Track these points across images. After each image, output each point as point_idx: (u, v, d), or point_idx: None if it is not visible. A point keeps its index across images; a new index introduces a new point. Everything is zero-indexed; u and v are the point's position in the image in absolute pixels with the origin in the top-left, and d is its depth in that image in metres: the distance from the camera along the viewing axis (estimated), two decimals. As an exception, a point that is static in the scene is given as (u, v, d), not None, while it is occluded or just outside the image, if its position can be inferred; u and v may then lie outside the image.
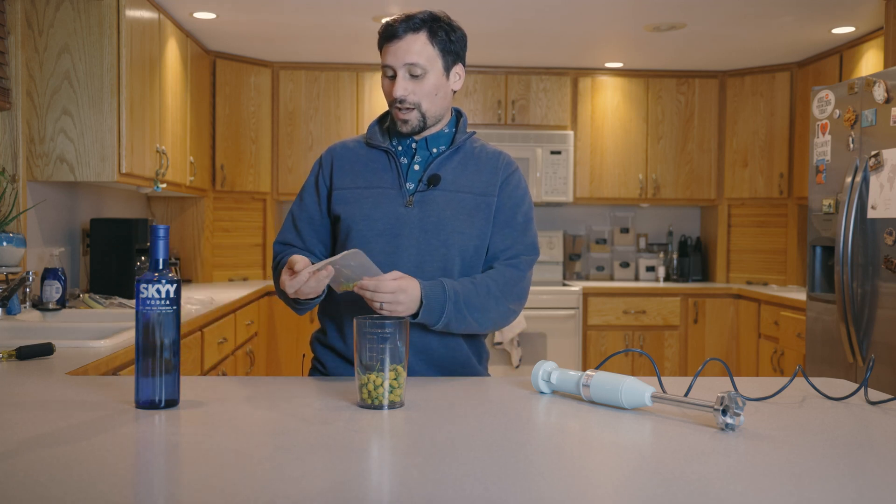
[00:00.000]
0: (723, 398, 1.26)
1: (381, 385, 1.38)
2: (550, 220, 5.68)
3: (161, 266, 1.37)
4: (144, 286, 1.35)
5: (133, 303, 2.33)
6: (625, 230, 5.73)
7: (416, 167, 1.83)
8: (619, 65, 5.32)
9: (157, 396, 1.36)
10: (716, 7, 4.00)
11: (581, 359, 5.09)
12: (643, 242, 5.74)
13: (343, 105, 5.23)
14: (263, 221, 5.29)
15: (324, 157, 1.91)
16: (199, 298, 3.75)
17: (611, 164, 5.41)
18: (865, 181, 3.35)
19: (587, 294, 5.14)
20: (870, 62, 4.27)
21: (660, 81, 5.42)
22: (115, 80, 3.28)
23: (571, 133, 5.30)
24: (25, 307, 3.05)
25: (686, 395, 1.40)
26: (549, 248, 5.53)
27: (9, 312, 2.86)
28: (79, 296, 3.52)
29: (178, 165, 4.21)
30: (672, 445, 1.19)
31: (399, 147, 1.85)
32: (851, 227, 3.38)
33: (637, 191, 5.41)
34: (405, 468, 1.08)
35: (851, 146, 3.48)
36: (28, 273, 2.81)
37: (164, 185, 3.93)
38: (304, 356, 2.05)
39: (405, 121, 1.78)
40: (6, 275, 2.95)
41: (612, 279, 5.65)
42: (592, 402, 1.45)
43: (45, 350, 2.00)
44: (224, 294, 4.17)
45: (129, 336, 2.41)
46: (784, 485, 1.02)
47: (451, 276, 1.79)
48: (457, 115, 1.90)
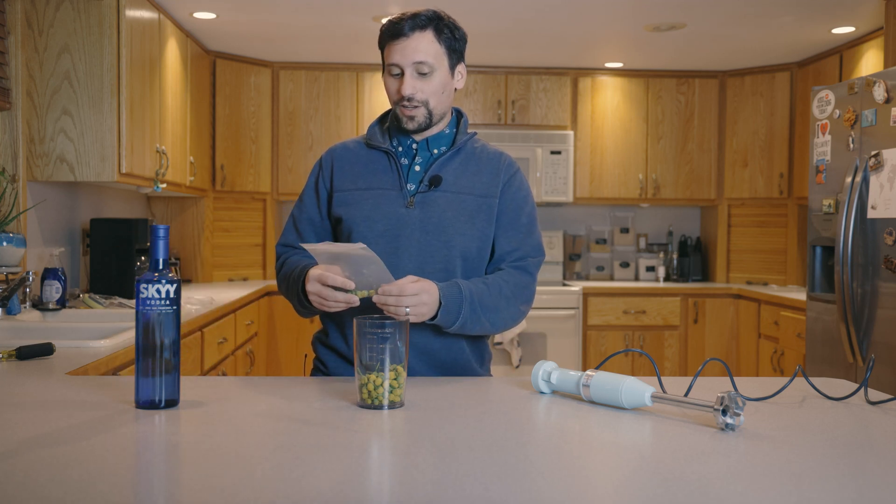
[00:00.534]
0: (723, 398, 1.26)
1: (381, 385, 1.38)
2: (550, 220, 5.68)
3: (161, 266, 1.37)
4: (144, 286, 1.35)
5: (133, 303, 2.34)
6: (625, 230, 5.73)
7: (417, 168, 1.82)
8: (619, 65, 5.32)
9: (157, 396, 1.36)
10: (716, 7, 4.00)
11: (581, 359, 5.09)
12: (643, 242, 5.74)
13: (343, 105, 5.23)
14: (263, 221, 5.29)
15: (324, 159, 1.91)
16: (199, 298, 3.75)
17: (611, 164, 5.41)
18: (865, 181, 3.35)
19: (587, 294, 5.14)
20: (870, 62, 4.27)
21: (660, 81, 5.42)
22: (115, 80, 3.28)
23: (571, 133, 5.30)
24: (25, 307, 3.05)
25: (686, 395, 1.40)
26: (550, 248, 5.53)
27: (9, 312, 2.86)
28: (79, 296, 3.53)
29: (178, 165, 4.21)
30: (672, 445, 1.19)
31: (399, 148, 1.85)
32: (851, 227, 3.38)
33: (637, 191, 5.41)
34: (405, 468, 1.08)
35: (851, 146, 3.48)
36: (28, 273, 2.81)
37: (164, 185, 3.93)
38: (306, 356, 2.06)
39: (412, 117, 1.77)
40: (6, 275, 2.95)
41: (612, 279, 5.65)
42: (592, 402, 1.45)
43: (45, 350, 2.00)
44: (224, 294, 4.17)
45: (129, 336, 2.41)
46: (784, 485, 1.02)
47: (454, 278, 1.79)
48: (457, 116, 1.89)
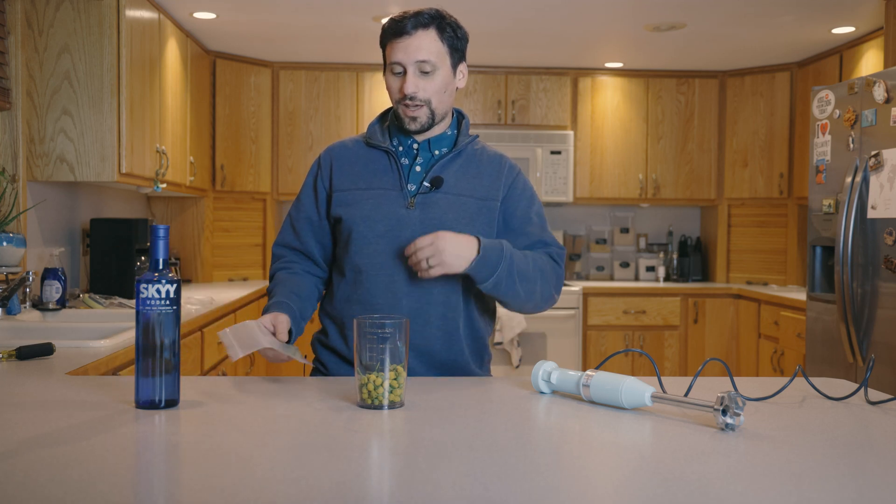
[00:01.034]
0: (723, 398, 1.26)
1: (381, 385, 1.38)
2: (550, 220, 5.68)
3: (161, 266, 1.37)
4: (144, 286, 1.35)
5: (133, 303, 2.34)
6: (625, 230, 5.73)
7: (418, 168, 1.81)
8: (619, 65, 5.32)
9: (157, 396, 1.36)
10: (716, 7, 4.00)
11: (581, 359, 5.09)
12: (643, 242, 5.74)
13: (343, 105, 5.23)
14: (263, 221, 5.29)
15: (322, 158, 1.89)
16: (199, 298, 3.75)
17: (611, 164, 5.41)
18: (865, 181, 3.35)
19: (587, 294, 5.14)
20: (870, 62, 4.27)
21: (660, 81, 5.42)
22: (115, 80, 3.28)
23: (571, 133, 5.30)
24: (25, 307, 3.05)
25: (686, 395, 1.40)
26: (549, 248, 5.53)
27: (9, 312, 2.86)
28: (79, 296, 3.53)
29: (178, 165, 4.21)
30: (672, 445, 1.19)
31: (400, 147, 1.84)
32: (851, 227, 3.38)
33: (637, 191, 5.41)
34: (405, 468, 1.08)
35: (851, 146, 3.48)
36: (28, 273, 2.81)
37: (164, 185, 3.93)
38: (306, 357, 2.05)
39: (414, 118, 1.76)
40: (6, 275, 2.95)
41: (612, 279, 5.65)
42: (592, 402, 1.45)
43: (45, 350, 2.00)
44: (224, 294, 4.17)
45: (129, 336, 2.41)
46: (784, 485, 1.02)
47: (456, 279, 1.78)
48: (458, 117, 1.88)
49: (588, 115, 5.40)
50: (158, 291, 1.35)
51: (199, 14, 4.14)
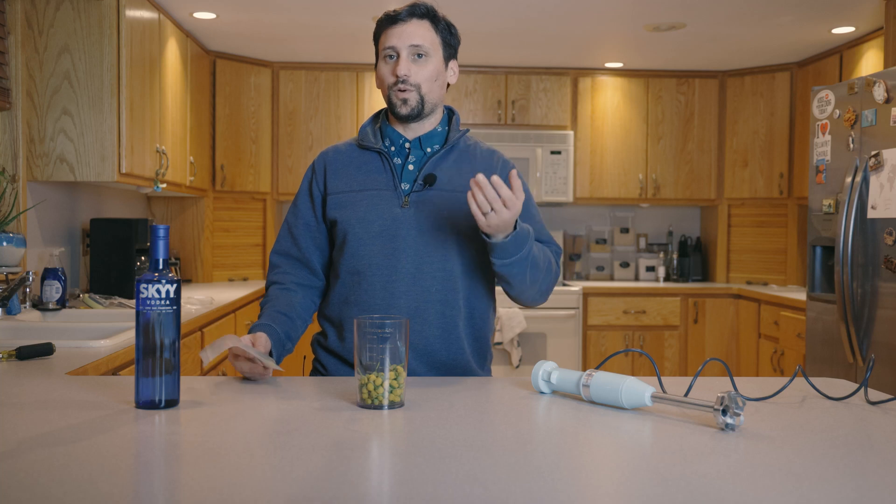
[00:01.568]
0: (723, 398, 1.26)
1: (381, 385, 1.38)
2: (550, 220, 5.68)
3: (161, 266, 1.37)
4: (144, 286, 1.35)
5: (133, 303, 2.34)
6: (625, 230, 5.73)
7: (411, 167, 1.82)
8: (619, 65, 5.32)
9: (157, 396, 1.36)
10: (716, 7, 4.00)
11: (581, 359, 5.09)
12: (643, 242, 5.74)
13: (343, 105, 5.23)
14: (263, 221, 5.29)
15: (316, 163, 1.90)
16: (199, 298, 3.75)
17: (611, 164, 5.41)
18: (865, 181, 3.35)
19: (587, 294, 5.14)
20: (870, 62, 4.27)
21: (660, 81, 5.42)
22: (115, 80, 3.28)
23: (571, 133, 5.30)
24: (25, 307, 3.05)
25: (686, 395, 1.40)
26: (549, 248, 5.54)
27: (9, 312, 2.86)
28: (79, 296, 3.53)
29: (178, 165, 4.21)
30: (672, 445, 1.19)
31: (392, 147, 1.84)
32: (851, 227, 3.38)
33: (637, 191, 5.41)
34: (405, 468, 1.08)
35: (851, 146, 3.48)
36: (28, 273, 2.81)
37: (164, 185, 3.93)
38: (305, 358, 2.05)
39: (405, 100, 1.77)
40: (6, 275, 2.95)
41: (612, 279, 5.65)
42: (592, 402, 1.45)
43: (45, 350, 2.00)
44: (224, 294, 4.17)
45: (129, 336, 2.41)
46: (784, 485, 1.02)
47: (453, 278, 1.79)
48: (449, 114, 1.90)
49: (588, 115, 5.40)
50: (158, 291, 1.35)
51: (199, 14, 4.14)
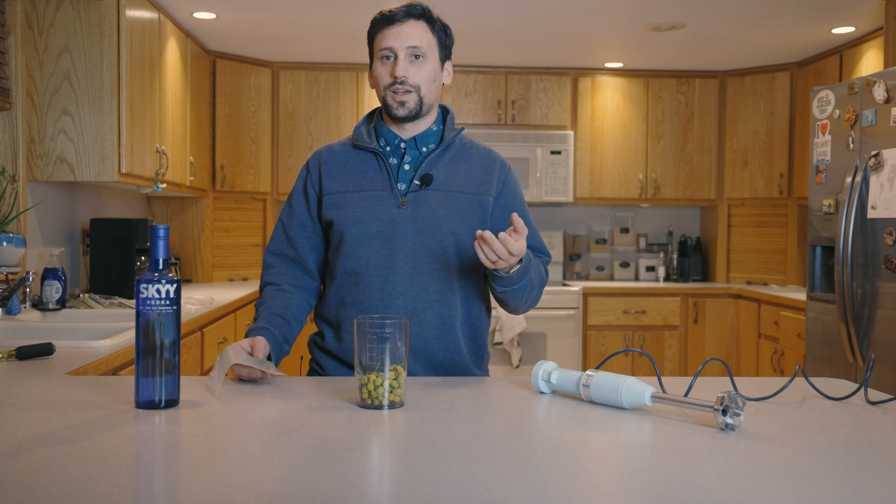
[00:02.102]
0: (723, 398, 1.26)
1: (381, 385, 1.38)
2: (550, 220, 5.68)
3: (161, 266, 1.37)
4: (144, 286, 1.35)
5: (133, 303, 2.34)
6: (625, 230, 5.73)
7: (407, 167, 1.81)
8: (619, 65, 5.32)
9: (157, 396, 1.36)
10: (716, 7, 4.00)
11: (581, 359, 5.09)
12: (643, 242, 5.74)
13: (343, 105, 5.23)
14: (263, 221, 5.29)
15: (310, 163, 1.89)
16: (199, 298, 3.75)
17: (611, 164, 5.41)
18: (865, 181, 3.35)
19: (587, 294, 5.14)
20: (870, 62, 4.27)
21: (660, 81, 5.42)
22: (115, 80, 3.28)
23: (571, 133, 5.30)
24: (25, 307, 3.05)
25: (686, 395, 1.40)
26: (550, 248, 5.52)
27: (9, 312, 2.86)
28: (79, 296, 3.53)
29: (178, 165, 4.21)
30: (672, 445, 1.19)
31: (387, 147, 1.84)
32: (851, 227, 3.38)
33: (637, 191, 5.41)
34: (405, 468, 1.08)
35: (851, 146, 3.48)
36: (28, 273, 2.81)
37: (164, 185, 3.93)
38: (302, 358, 2.05)
39: (403, 102, 1.76)
40: (6, 275, 2.95)
41: (612, 279, 5.65)
42: (592, 402, 1.45)
43: (45, 350, 2.00)
44: (224, 294, 4.17)
45: (129, 336, 2.41)
46: (784, 485, 1.02)
47: (450, 277, 1.79)
48: (443, 112, 1.89)
49: (588, 116, 5.40)
50: (158, 291, 1.35)
51: (199, 14, 4.14)
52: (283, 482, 0.98)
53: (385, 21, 1.77)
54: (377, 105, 1.90)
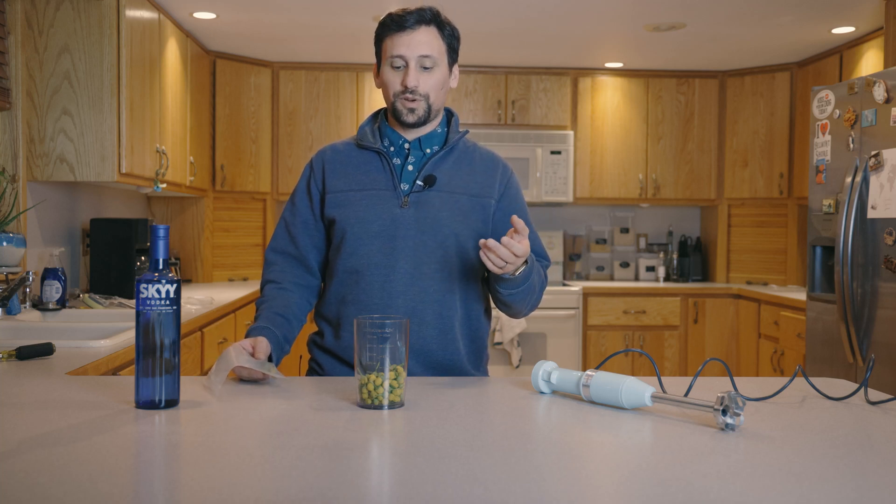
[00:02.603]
0: (723, 398, 1.26)
1: (381, 385, 1.38)
2: (550, 220, 5.68)
3: (161, 266, 1.37)
4: (144, 286, 1.35)
5: (133, 303, 2.34)
6: (625, 230, 5.73)
7: (410, 168, 1.82)
8: (619, 65, 5.32)
9: (157, 396, 1.36)
10: (716, 7, 4.00)
11: (581, 359, 5.09)
12: (643, 242, 5.74)
13: (343, 105, 5.23)
14: (263, 221, 5.29)
15: (314, 161, 1.89)
16: (199, 298, 3.75)
17: (611, 164, 5.41)
18: (865, 181, 3.35)
19: (587, 294, 5.14)
20: (870, 62, 4.27)
21: (660, 81, 5.42)
22: (115, 80, 3.28)
23: (571, 133, 5.30)
24: (25, 307, 3.05)
25: (686, 395, 1.40)
26: (550, 249, 5.53)
27: (9, 312, 2.86)
28: (79, 296, 3.53)
29: (178, 165, 4.21)
30: (672, 445, 1.19)
31: (391, 147, 1.84)
32: (851, 227, 3.38)
33: (637, 191, 5.41)
34: (405, 468, 1.08)
35: (851, 146, 3.48)
36: (28, 273, 2.81)
37: (164, 185, 3.93)
38: (301, 357, 2.05)
39: (412, 109, 1.77)
40: (6, 275, 2.95)
41: (612, 279, 5.65)
42: (592, 402, 1.45)
43: (45, 350, 2.00)
44: (224, 294, 4.17)
45: (129, 336, 2.41)
46: (784, 485, 1.02)
47: (452, 278, 1.79)
48: (447, 115, 1.89)
49: (588, 116, 5.40)
50: (158, 291, 1.35)
51: (199, 14, 4.14)
52: (283, 482, 0.98)
53: (396, 26, 1.75)
54: (377, 105, 1.90)
